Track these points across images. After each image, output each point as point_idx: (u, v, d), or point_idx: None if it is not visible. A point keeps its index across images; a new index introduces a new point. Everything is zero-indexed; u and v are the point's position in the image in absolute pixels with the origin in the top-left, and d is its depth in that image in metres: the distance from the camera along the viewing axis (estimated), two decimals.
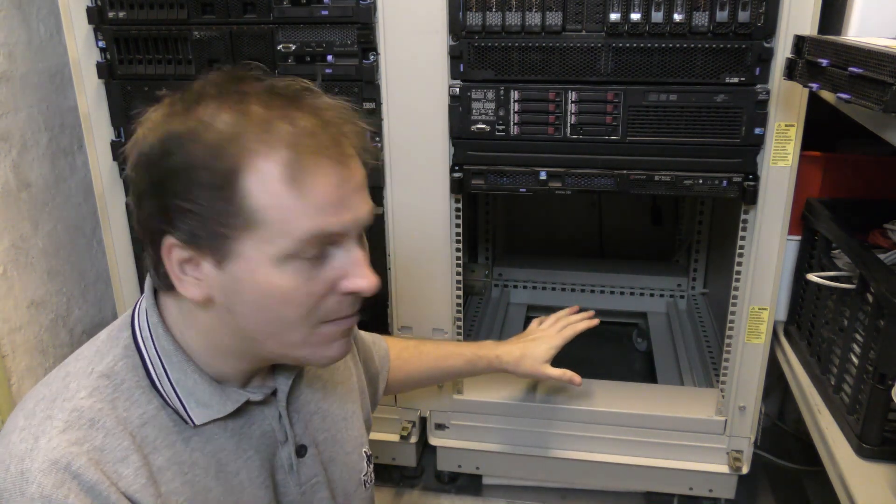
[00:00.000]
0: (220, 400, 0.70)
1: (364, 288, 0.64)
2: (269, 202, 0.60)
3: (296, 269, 0.62)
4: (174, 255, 0.64)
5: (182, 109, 0.62)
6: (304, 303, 0.64)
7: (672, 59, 1.15)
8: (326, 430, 0.82)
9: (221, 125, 0.60)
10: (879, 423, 1.02)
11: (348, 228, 0.63)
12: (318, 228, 0.61)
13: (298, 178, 0.59)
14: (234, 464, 0.72)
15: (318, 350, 0.68)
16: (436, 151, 1.27)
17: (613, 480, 1.47)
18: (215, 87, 0.63)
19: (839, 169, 1.30)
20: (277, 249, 0.61)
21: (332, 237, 0.62)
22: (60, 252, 1.58)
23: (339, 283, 0.64)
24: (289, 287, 0.62)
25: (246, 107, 0.61)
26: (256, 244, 0.61)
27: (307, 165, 0.60)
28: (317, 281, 0.63)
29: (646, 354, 1.81)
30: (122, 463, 0.64)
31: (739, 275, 1.27)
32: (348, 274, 0.64)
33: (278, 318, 0.64)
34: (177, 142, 0.61)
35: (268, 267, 0.62)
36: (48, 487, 0.59)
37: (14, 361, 1.45)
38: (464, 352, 1.22)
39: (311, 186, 0.60)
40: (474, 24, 1.18)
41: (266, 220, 0.60)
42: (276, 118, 0.60)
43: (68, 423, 0.63)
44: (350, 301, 0.66)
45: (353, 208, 0.63)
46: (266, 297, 0.63)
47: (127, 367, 0.68)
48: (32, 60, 1.47)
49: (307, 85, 0.66)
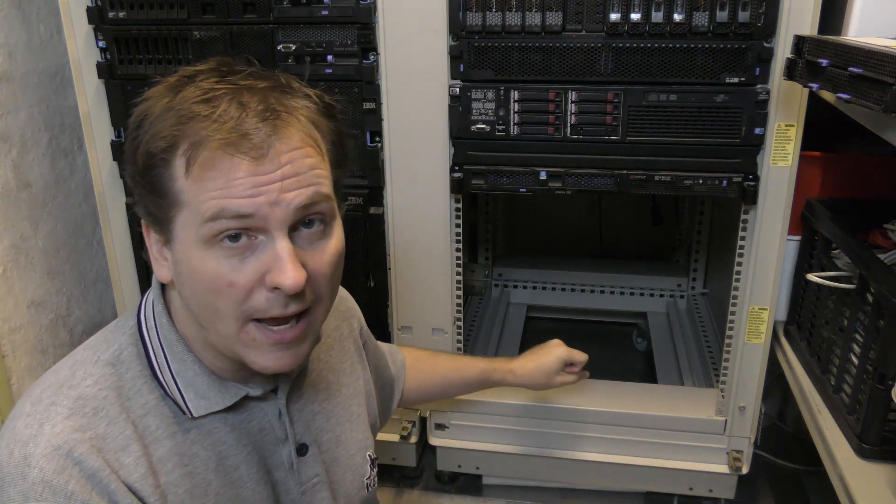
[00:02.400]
0: (219, 393, 0.70)
1: (280, 283, 0.61)
2: (183, 186, 0.61)
3: (220, 255, 0.62)
4: (152, 235, 0.67)
5: (156, 91, 0.64)
6: (229, 293, 0.62)
7: (672, 59, 1.15)
8: (330, 431, 0.82)
9: (158, 109, 0.62)
10: (879, 423, 1.02)
11: (265, 212, 0.61)
12: (223, 207, 0.60)
13: (202, 166, 0.60)
14: (235, 458, 0.72)
15: (250, 352, 0.66)
16: (436, 151, 1.27)
17: (613, 480, 1.47)
18: (191, 72, 0.65)
19: (839, 169, 1.30)
20: (196, 231, 0.61)
21: (245, 219, 0.61)
22: (60, 252, 1.58)
23: (265, 276, 0.62)
24: (213, 271, 0.62)
25: (182, 92, 0.62)
26: (183, 225, 0.62)
27: (211, 156, 0.60)
28: (242, 271, 0.62)
29: (646, 354, 1.81)
30: (124, 452, 0.64)
31: (739, 275, 1.27)
32: (270, 268, 0.62)
33: (210, 305, 0.64)
34: (133, 123, 0.64)
35: (195, 249, 0.62)
36: (49, 472, 0.60)
37: (14, 361, 1.45)
38: (478, 364, 1.22)
39: (215, 174, 0.60)
40: (474, 24, 1.18)
41: (186, 201, 0.61)
42: (199, 107, 0.60)
43: (73, 410, 0.64)
44: (279, 300, 0.63)
45: (271, 194, 0.61)
46: (196, 281, 0.63)
47: (131, 356, 0.69)
48: (32, 60, 1.47)
49: (284, 80, 0.65)
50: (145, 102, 0.64)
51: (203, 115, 0.60)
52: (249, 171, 0.60)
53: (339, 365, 0.87)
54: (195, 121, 0.60)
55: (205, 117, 0.60)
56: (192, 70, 0.65)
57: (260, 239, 0.62)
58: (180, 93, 0.62)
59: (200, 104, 0.61)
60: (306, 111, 0.65)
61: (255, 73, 0.65)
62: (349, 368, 0.88)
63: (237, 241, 0.62)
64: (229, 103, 0.61)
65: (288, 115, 0.63)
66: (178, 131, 0.60)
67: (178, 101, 0.61)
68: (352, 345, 0.91)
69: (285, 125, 0.62)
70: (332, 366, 0.85)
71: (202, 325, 0.67)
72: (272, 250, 0.62)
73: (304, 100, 0.65)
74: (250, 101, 0.61)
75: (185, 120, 0.60)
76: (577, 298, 1.96)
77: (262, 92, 0.62)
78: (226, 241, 0.61)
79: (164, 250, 0.67)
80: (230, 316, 0.64)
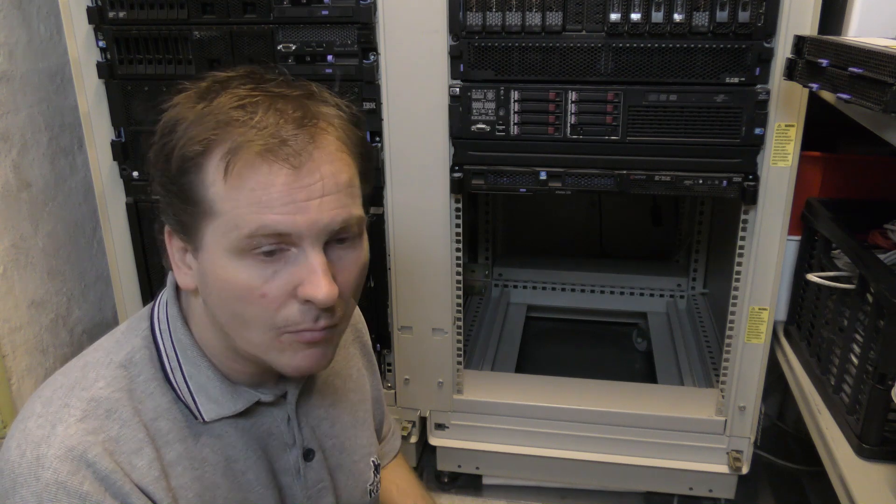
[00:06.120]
0: (231, 398, 0.70)
1: (313, 297, 0.61)
2: (219, 194, 0.60)
3: (252, 265, 0.61)
4: (174, 243, 0.67)
5: (187, 97, 0.64)
6: (260, 303, 0.62)
7: (672, 59, 1.15)
8: (335, 437, 0.82)
9: (192, 115, 0.62)
10: (879, 423, 1.02)
11: (301, 231, 0.60)
12: (262, 224, 0.60)
13: (240, 174, 0.59)
14: (243, 463, 0.72)
15: (284, 356, 0.66)
16: (436, 151, 1.27)
17: (613, 480, 1.47)
18: (223, 77, 0.64)
19: (839, 169, 1.30)
20: (229, 241, 0.61)
21: (283, 237, 0.61)
22: (60, 252, 1.58)
23: (297, 289, 0.62)
24: (244, 283, 0.62)
25: (218, 98, 0.62)
26: (214, 235, 0.62)
27: (251, 161, 0.59)
28: (274, 283, 0.62)
29: (646, 354, 1.81)
30: (136, 455, 0.64)
31: (739, 275, 1.27)
32: (303, 281, 0.62)
33: (239, 315, 0.64)
34: (163, 128, 0.63)
35: (225, 259, 0.62)
36: (63, 474, 0.60)
37: (14, 361, 1.45)
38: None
39: (253, 183, 0.59)
40: (474, 24, 1.18)
41: (220, 210, 0.61)
42: (237, 113, 0.60)
43: (86, 412, 0.64)
44: (312, 313, 0.63)
45: (309, 212, 0.60)
46: (224, 291, 0.63)
47: (144, 359, 0.69)
48: (33, 60, 1.47)
49: (316, 89, 0.66)
50: (175, 108, 0.63)
51: (241, 121, 0.60)
52: (288, 181, 0.60)
53: (345, 370, 0.87)
54: (233, 126, 0.60)
55: (242, 123, 0.60)
56: (224, 76, 0.64)
57: (292, 251, 0.62)
58: (216, 99, 0.62)
59: (237, 110, 0.60)
60: (339, 120, 0.65)
61: (286, 80, 0.65)
62: (356, 373, 0.88)
63: (271, 255, 0.62)
64: (266, 110, 0.61)
65: (324, 122, 0.63)
66: (216, 136, 0.60)
67: (215, 107, 0.61)
68: (358, 350, 0.91)
69: (322, 133, 0.62)
70: (338, 371, 0.85)
71: (228, 333, 0.66)
72: (305, 263, 0.62)
73: (334, 108, 0.66)
74: (286, 108, 0.61)
75: (222, 125, 0.60)
76: (577, 298, 1.96)
77: (297, 100, 0.63)
78: (258, 253, 0.61)
79: (186, 258, 0.66)
80: (262, 325, 0.63)
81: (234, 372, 0.71)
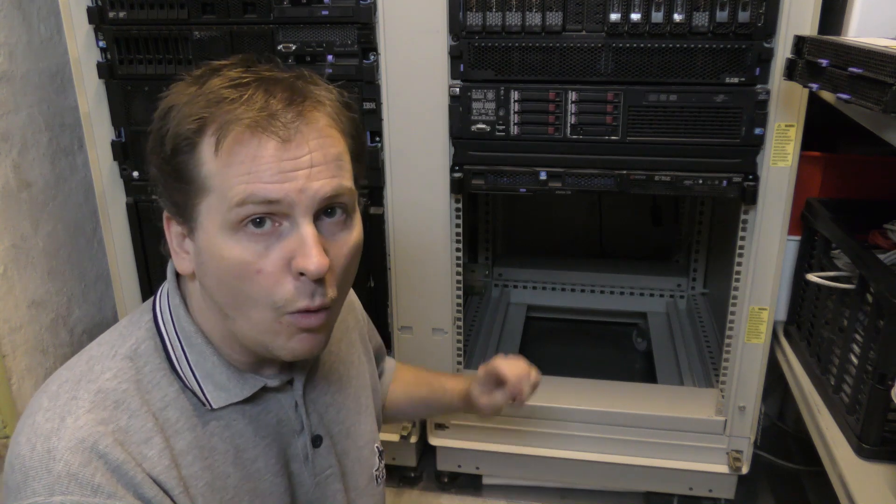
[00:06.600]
0: (238, 384, 0.71)
1: (305, 268, 0.62)
2: (211, 170, 0.62)
3: (245, 240, 0.62)
4: (172, 228, 0.68)
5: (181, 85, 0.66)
6: (258, 280, 0.63)
7: (672, 59, 1.15)
8: (341, 423, 0.82)
9: (185, 98, 0.63)
10: (879, 423, 1.02)
11: (291, 198, 0.61)
12: (251, 192, 0.60)
13: (230, 149, 0.61)
14: (252, 451, 0.72)
15: (280, 338, 0.66)
16: (436, 151, 1.27)
17: (613, 480, 1.47)
18: (216, 65, 0.66)
19: (839, 169, 1.30)
20: (222, 216, 0.62)
21: (272, 205, 0.61)
22: (60, 252, 1.58)
23: (291, 263, 0.63)
24: (239, 258, 0.62)
25: (210, 81, 0.63)
26: (209, 212, 0.63)
27: (240, 136, 0.61)
28: (268, 258, 0.63)
29: (646, 354, 1.81)
30: (146, 444, 0.64)
31: (739, 275, 1.27)
32: (295, 253, 0.63)
33: (239, 294, 0.64)
34: (159, 113, 0.65)
35: (220, 236, 0.62)
36: (75, 465, 0.59)
37: (14, 361, 1.45)
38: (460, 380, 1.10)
39: (243, 156, 0.61)
40: (474, 24, 1.18)
41: (213, 186, 0.62)
42: (227, 92, 0.62)
43: (94, 403, 0.64)
44: (307, 288, 0.64)
45: (298, 180, 0.61)
46: (221, 269, 0.63)
47: (149, 350, 0.69)
48: (33, 60, 1.47)
49: (307, 73, 0.67)
50: (171, 95, 0.65)
51: (231, 99, 0.61)
52: (277, 153, 0.61)
53: (348, 357, 0.87)
54: (223, 104, 0.61)
55: (233, 101, 0.61)
56: (217, 64, 0.66)
57: (284, 225, 0.63)
58: (208, 81, 0.63)
59: (228, 90, 0.62)
60: (329, 101, 0.66)
61: (278, 66, 0.67)
62: (357, 360, 0.89)
63: (262, 227, 0.62)
64: (256, 89, 0.62)
65: (313, 101, 0.64)
66: (207, 113, 0.61)
67: (206, 88, 0.63)
68: (357, 336, 0.92)
69: (311, 110, 0.64)
70: (342, 358, 0.86)
71: (227, 315, 0.67)
72: (296, 235, 0.63)
73: (326, 91, 0.67)
74: (276, 88, 0.63)
75: (213, 104, 0.61)
76: (577, 298, 1.96)
77: (287, 80, 0.64)
78: (250, 227, 0.62)
79: (184, 243, 0.67)
80: (262, 304, 0.64)
81: (236, 359, 0.71)
